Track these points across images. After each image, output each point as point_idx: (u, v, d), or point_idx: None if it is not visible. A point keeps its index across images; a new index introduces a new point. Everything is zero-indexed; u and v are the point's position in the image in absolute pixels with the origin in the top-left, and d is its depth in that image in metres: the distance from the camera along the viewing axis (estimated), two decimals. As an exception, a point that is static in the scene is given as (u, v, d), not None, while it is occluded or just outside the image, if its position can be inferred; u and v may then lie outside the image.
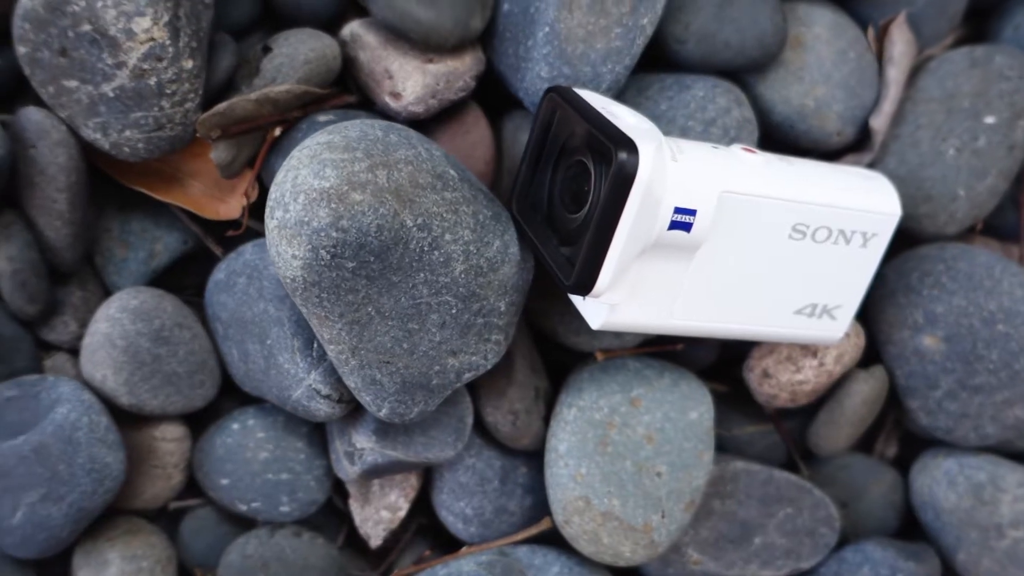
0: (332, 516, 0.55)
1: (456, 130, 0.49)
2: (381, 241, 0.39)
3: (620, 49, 0.45)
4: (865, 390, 0.52)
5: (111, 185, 0.49)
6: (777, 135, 0.52)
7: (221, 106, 0.45)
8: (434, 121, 0.49)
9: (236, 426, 0.51)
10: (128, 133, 0.45)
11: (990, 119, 0.51)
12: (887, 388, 0.54)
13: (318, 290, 0.39)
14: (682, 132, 0.48)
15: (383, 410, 0.44)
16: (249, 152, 0.49)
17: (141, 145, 0.45)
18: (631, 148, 0.35)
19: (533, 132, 0.43)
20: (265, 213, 0.40)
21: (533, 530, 0.52)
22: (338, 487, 0.54)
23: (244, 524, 0.53)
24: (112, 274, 0.51)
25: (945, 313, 0.51)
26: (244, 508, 0.51)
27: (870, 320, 0.54)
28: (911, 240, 0.54)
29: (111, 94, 0.44)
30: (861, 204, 0.43)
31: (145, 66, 0.43)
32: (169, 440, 0.51)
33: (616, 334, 0.51)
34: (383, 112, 0.49)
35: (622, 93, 0.49)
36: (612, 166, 0.35)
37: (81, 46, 0.43)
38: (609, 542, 0.49)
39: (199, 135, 0.46)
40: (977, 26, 0.57)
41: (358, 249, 0.38)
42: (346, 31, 0.49)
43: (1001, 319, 0.51)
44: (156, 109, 0.44)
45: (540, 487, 0.52)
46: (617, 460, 0.49)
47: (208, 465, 0.51)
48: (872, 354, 0.54)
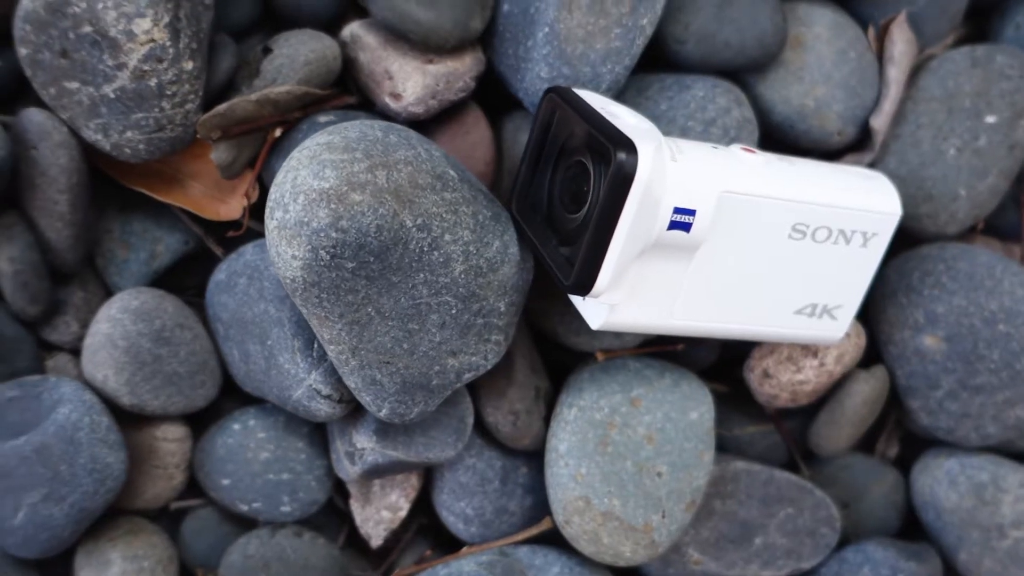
0: (333, 516, 0.55)
1: (456, 131, 0.49)
2: (381, 241, 0.39)
3: (620, 49, 0.45)
4: (866, 390, 0.52)
5: (112, 186, 0.50)
6: (777, 135, 0.52)
7: (221, 107, 0.45)
8: (434, 122, 0.49)
9: (237, 426, 0.51)
10: (129, 134, 0.45)
11: (991, 118, 0.51)
12: (888, 388, 0.54)
13: (318, 290, 0.39)
14: (682, 132, 0.48)
15: (383, 410, 0.44)
16: (250, 153, 0.49)
17: (142, 146, 0.45)
18: (630, 148, 0.35)
19: (533, 132, 0.43)
20: (265, 214, 0.40)
21: (534, 530, 0.52)
22: (339, 487, 0.54)
23: (245, 524, 0.53)
24: (113, 275, 0.51)
25: (946, 313, 0.51)
26: (245, 508, 0.51)
27: (871, 320, 0.54)
28: (912, 240, 0.54)
29: (112, 95, 0.44)
30: (861, 204, 0.43)
31: (146, 67, 0.43)
32: (170, 440, 0.51)
33: (616, 334, 0.51)
34: (383, 113, 0.49)
35: (622, 93, 0.49)
36: (611, 166, 0.35)
37: (82, 47, 0.43)
38: (609, 542, 0.49)
39: (200, 136, 0.46)
40: (978, 25, 0.57)
41: (358, 249, 0.38)
42: (346, 32, 0.49)
43: (1002, 319, 0.51)
44: (157, 110, 0.44)
45: (540, 487, 0.52)
46: (617, 460, 0.49)
47: (209, 465, 0.51)
48: (873, 354, 0.54)
